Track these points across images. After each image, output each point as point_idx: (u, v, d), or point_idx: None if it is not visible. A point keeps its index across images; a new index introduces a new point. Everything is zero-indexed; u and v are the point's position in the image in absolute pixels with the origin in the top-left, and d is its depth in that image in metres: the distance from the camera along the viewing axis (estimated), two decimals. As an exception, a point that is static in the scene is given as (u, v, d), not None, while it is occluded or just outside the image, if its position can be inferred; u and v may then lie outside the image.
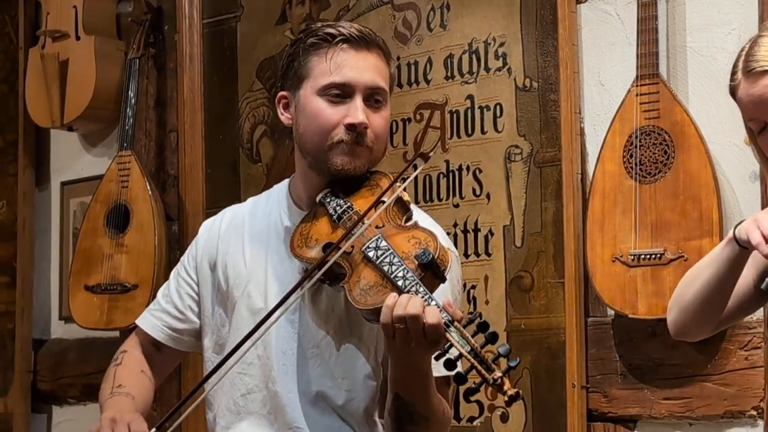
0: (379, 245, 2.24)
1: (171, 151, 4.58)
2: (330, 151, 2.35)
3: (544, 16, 3.69)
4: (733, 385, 3.29)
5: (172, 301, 2.55)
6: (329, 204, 2.37)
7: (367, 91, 2.36)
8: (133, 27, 4.60)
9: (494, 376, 2.02)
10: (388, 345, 2.18)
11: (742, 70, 2.22)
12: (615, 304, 3.38)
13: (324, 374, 2.38)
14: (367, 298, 2.19)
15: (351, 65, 2.34)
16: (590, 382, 3.53)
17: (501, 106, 3.78)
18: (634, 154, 3.36)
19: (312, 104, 2.37)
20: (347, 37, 2.35)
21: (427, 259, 2.17)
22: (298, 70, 2.39)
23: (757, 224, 2.08)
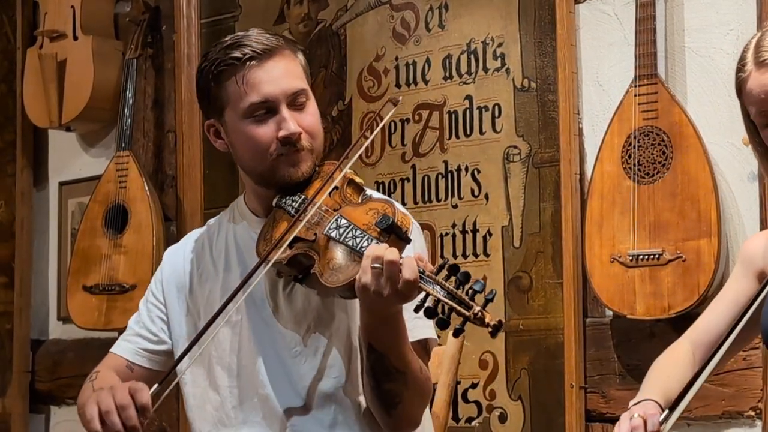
0: (339, 224, 2.28)
1: (169, 151, 4.57)
2: (273, 167, 2.38)
3: (543, 17, 3.69)
4: (731, 386, 3.29)
5: (145, 326, 2.56)
6: (285, 204, 2.40)
7: (288, 98, 2.37)
8: (131, 27, 4.60)
9: (474, 311, 2.07)
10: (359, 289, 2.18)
11: (754, 61, 2.20)
12: (613, 304, 3.38)
13: (312, 368, 2.39)
14: (338, 276, 2.23)
15: (263, 80, 2.35)
16: (588, 383, 3.52)
17: (499, 107, 3.78)
18: (632, 155, 3.36)
19: (241, 129, 2.38)
20: (252, 55, 2.36)
21: (387, 223, 2.21)
22: (217, 99, 2.40)
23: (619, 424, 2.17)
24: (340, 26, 4.15)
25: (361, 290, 2.18)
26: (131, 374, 2.53)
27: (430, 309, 2.10)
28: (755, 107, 2.21)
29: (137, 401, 2.20)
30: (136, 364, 2.55)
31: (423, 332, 2.40)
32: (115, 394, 2.22)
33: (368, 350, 2.29)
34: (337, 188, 2.36)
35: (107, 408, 2.21)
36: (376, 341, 2.27)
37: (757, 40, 2.23)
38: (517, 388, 3.68)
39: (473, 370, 3.75)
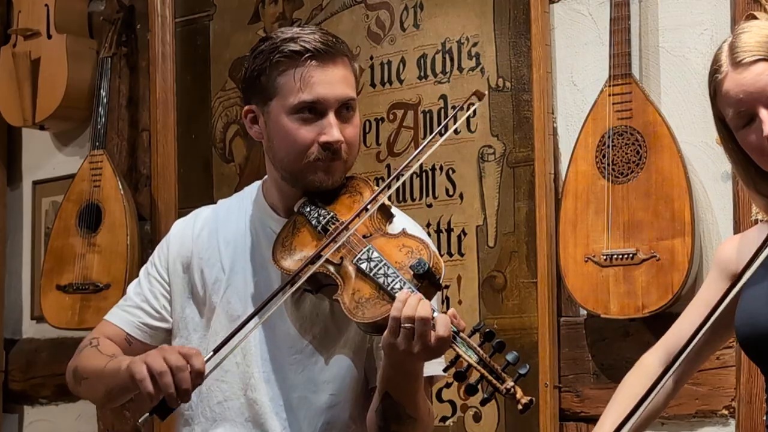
0: (371, 256, 2.22)
1: (143, 150, 4.56)
2: (306, 169, 2.33)
3: (517, 16, 3.69)
4: (704, 385, 3.30)
5: (147, 300, 2.50)
6: (310, 214, 2.35)
7: (339, 104, 2.33)
8: (105, 26, 4.59)
9: (506, 386, 2.03)
10: (387, 346, 2.14)
11: (730, 62, 2.20)
12: (587, 304, 3.38)
13: (307, 380, 2.36)
14: (364, 311, 2.17)
15: (320, 81, 2.31)
16: (563, 382, 3.53)
17: (474, 106, 3.78)
18: (606, 154, 3.36)
19: (283, 123, 2.33)
20: (314, 53, 2.31)
21: (424, 270, 2.15)
22: (266, 87, 2.35)
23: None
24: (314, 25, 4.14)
25: (388, 347, 2.14)
26: (129, 348, 2.47)
27: (460, 373, 2.05)
28: (732, 108, 2.21)
29: (193, 366, 2.13)
30: (135, 339, 2.49)
31: (433, 369, 2.36)
32: (166, 356, 2.14)
33: (383, 396, 2.26)
34: (367, 210, 2.30)
35: (160, 368, 2.12)
36: (394, 391, 2.24)
37: (730, 42, 2.23)
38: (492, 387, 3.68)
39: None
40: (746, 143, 2.22)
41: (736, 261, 2.30)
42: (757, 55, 2.18)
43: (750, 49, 2.18)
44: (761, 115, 2.17)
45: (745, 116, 2.20)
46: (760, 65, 2.18)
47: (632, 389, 2.33)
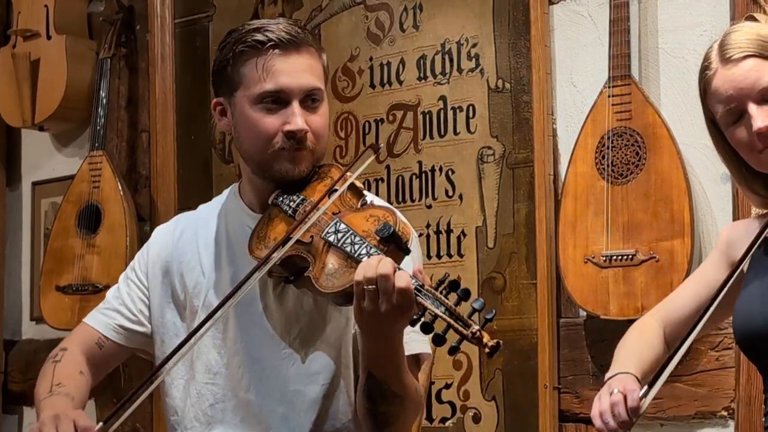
0: (339, 228, 2.25)
1: (143, 151, 4.56)
2: (272, 159, 2.34)
3: (517, 17, 3.70)
4: (704, 386, 3.30)
5: (124, 303, 2.51)
6: (282, 202, 2.36)
7: (303, 94, 2.34)
8: (105, 26, 4.59)
9: (472, 330, 2.03)
10: (358, 314, 2.16)
11: (719, 59, 2.22)
12: (587, 305, 3.39)
13: (299, 373, 2.37)
14: (333, 281, 2.19)
15: (283, 71, 2.31)
16: (562, 383, 3.53)
17: (473, 107, 3.78)
18: (606, 156, 3.36)
19: (248, 113, 2.35)
20: (276, 42, 2.31)
21: (389, 232, 2.17)
22: (231, 78, 2.36)
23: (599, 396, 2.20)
24: (314, 26, 4.15)
25: (358, 314, 2.16)
26: (99, 352, 2.49)
27: (426, 324, 2.06)
28: (722, 105, 2.22)
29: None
30: (110, 340, 2.49)
31: (418, 347, 2.38)
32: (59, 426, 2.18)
33: (367, 376, 2.27)
34: (337, 191, 2.32)
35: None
36: (376, 369, 2.25)
37: (720, 41, 2.25)
38: (491, 388, 3.69)
39: (447, 371, 3.75)
40: (735, 140, 2.23)
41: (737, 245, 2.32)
42: (746, 51, 2.19)
43: (739, 45, 2.20)
44: (750, 110, 2.18)
45: (735, 113, 2.21)
46: (750, 61, 2.19)
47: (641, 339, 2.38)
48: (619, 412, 2.13)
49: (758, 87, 2.19)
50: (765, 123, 2.17)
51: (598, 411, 2.16)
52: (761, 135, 2.18)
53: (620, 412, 2.13)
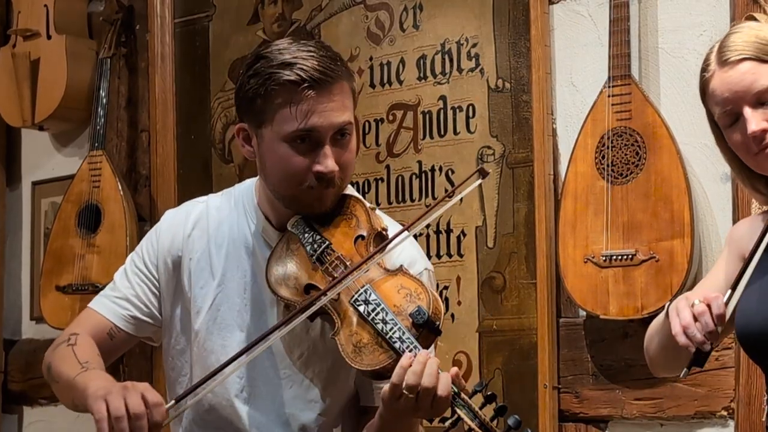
0: (369, 299, 2.19)
1: (143, 151, 4.56)
2: (299, 195, 2.30)
3: (517, 17, 3.69)
4: (703, 386, 3.30)
5: (136, 294, 2.45)
6: (303, 237, 2.31)
7: (334, 131, 2.28)
8: (105, 26, 4.58)
9: None
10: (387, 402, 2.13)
11: (717, 62, 2.22)
12: (587, 304, 3.39)
13: (296, 397, 2.35)
14: (363, 358, 2.15)
15: (317, 111, 2.25)
16: (562, 383, 3.53)
17: (473, 107, 3.78)
18: (605, 155, 3.36)
19: (277, 149, 2.29)
20: (310, 83, 2.24)
21: (423, 320, 2.13)
22: (261, 112, 2.29)
23: (677, 312, 2.11)
24: (314, 26, 4.15)
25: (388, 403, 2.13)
26: (110, 341, 2.43)
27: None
28: (719, 107, 2.23)
29: (152, 416, 2.11)
30: (122, 330, 2.43)
31: None
32: (128, 398, 2.11)
33: None
34: (363, 238, 2.29)
35: (118, 413, 2.09)
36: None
37: (720, 42, 2.25)
38: (491, 388, 3.64)
39: (447, 370, 3.73)
40: (733, 142, 2.24)
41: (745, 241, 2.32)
42: (743, 54, 2.19)
43: (737, 48, 2.20)
44: (745, 114, 2.19)
45: (731, 115, 2.22)
46: (746, 64, 2.20)
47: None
48: (706, 322, 2.06)
49: (753, 90, 2.19)
50: (759, 127, 2.18)
51: (680, 326, 2.08)
52: (756, 138, 2.19)
53: (707, 322, 2.06)
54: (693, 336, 2.07)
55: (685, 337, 2.08)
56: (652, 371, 2.46)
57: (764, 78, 2.19)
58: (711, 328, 2.06)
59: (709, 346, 2.07)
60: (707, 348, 2.06)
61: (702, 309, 2.07)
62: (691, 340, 2.07)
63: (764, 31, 2.23)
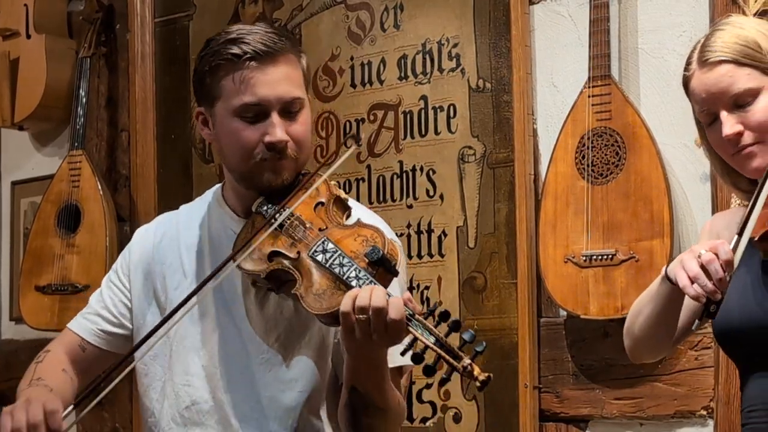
0: (326, 248, 2.24)
1: (122, 150, 4.55)
2: (254, 170, 2.34)
3: (497, 17, 3.70)
4: (683, 385, 3.31)
5: (106, 307, 2.52)
6: (267, 213, 2.35)
7: (281, 104, 2.33)
8: (85, 26, 4.57)
9: (463, 364, 2.03)
10: (346, 338, 2.16)
11: (697, 61, 2.24)
12: (567, 304, 3.39)
13: (275, 379, 2.36)
14: (322, 303, 2.18)
15: (260, 82, 2.31)
16: (542, 383, 3.54)
17: (454, 107, 3.79)
18: (586, 155, 3.37)
19: (229, 125, 2.35)
20: (252, 55, 2.31)
21: (378, 256, 2.17)
22: (210, 90, 2.37)
23: (683, 265, 2.09)
24: (295, 26, 4.14)
25: (346, 339, 2.16)
26: (82, 354, 2.50)
27: (417, 355, 2.06)
28: (698, 106, 2.27)
29: (50, 424, 2.20)
30: (91, 344, 2.50)
31: (400, 359, 2.35)
32: (29, 409, 2.21)
33: (350, 390, 2.27)
34: (323, 204, 2.33)
35: (17, 425, 2.20)
36: (359, 383, 2.25)
37: (704, 40, 2.26)
38: (472, 388, 3.68)
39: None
40: (711, 140, 2.28)
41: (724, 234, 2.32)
42: (722, 56, 2.21)
43: (718, 49, 2.22)
44: (721, 117, 2.22)
45: (710, 115, 2.25)
46: (724, 67, 2.21)
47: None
48: (715, 269, 2.04)
49: (730, 93, 2.21)
50: (732, 131, 2.21)
51: (687, 278, 2.06)
52: (730, 141, 2.22)
53: (717, 269, 2.03)
54: (704, 285, 2.04)
55: (694, 290, 2.06)
56: (633, 357, 2.44)
57: (741, 81, 2.21)
58: (721, 275, 2.03)
59: (720, 294, 2.04)
60: (719, 297, 2.04)
61: (710, 257, 2.04)
62: (702, 289, 2.04)
63: (747, 30, 2.24)
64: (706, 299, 2.05)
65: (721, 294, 2.05)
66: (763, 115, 2.21)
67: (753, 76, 2.21)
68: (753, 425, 2.21)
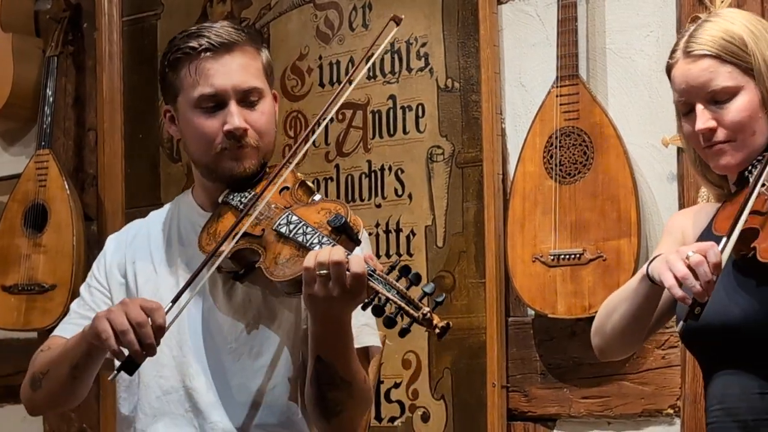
0: (290, 220, 2.28)
1: (90, 150, 4.53)
2: (217, 159, 2.39)
3: (466, 17, 3.70)
4: (650, 384, 3.32)
5: (90, 308, 2.52)
6: (232, 200, 2.40)
7: (239, 93, 2.39)
8: (52, 24, 4.54)
9: (422, 312, 2.07)
10: (309, 299, 2.18)
11: (683, 50, 2.26)
12: (535, 304, 3.40)
13: (244, 367, 2.38)
14: (285, 270, 2.22)
15: (216, 73, 2.37)
16: (510, 382, 3.54)
17: (423, 107, 3.79)
18: (554, 155, 3.38)
19: (190, 118, 2.41)
20: (207, 46, 2.38)
21: (340, 222, 2.21)
22: (172, 85, 2.43)
23: (669, 266, 2.08)
24: (263, 25, 4.13)
25: (309, 299, 2.18)
26: None
27: (378, 307, 2.10)
28: (677, 94, 2.29)
29: (154, 320, 2.18)
30: None
31: (367, 339, 2.41)
32: (128, 311, 2.19)
33: (315, 360, 2.28)
34: (288, 188, 2.37)
35: (122, 326, 2.17)
36: (324, 351, 2.27)
37: (693, 30, 2.27)
38: (440, 387, 3.69)
39: (396, 370, 3.75)
40: (684, 132, 2.31)
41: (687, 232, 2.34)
42: (706, 50, 2.22)
43: (703, 42, 2.23)
44: (696, 110, 2.24)
45: (686, 105, 2.27)
46: (706, 61, 2.23)
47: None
48: (704, 272, 2.02)
49: (708, 89, 2.23)
50: (705, 125, 2.22)
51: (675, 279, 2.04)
52: (703, 135, 2.23)
53: (706, 272, 2.02)
54: (693, 286, 2.02)
55: (681, 291, 2.04)
56: (601, 355, 2.43)
57: (721, 78, 2.22)
58: (709, 277, 2.02)
59: (707, 296, 2.03)
60: (705, 299, 2.03)
61: (699, 259, 2.03)
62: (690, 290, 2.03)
63: (737, 26, 2.25)
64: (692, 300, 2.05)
65: (707, 297, 2.04)
66: (738, 115, 2.22)
67: (734, 74, 2.23)
68: (718, 424, 2.22)
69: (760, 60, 2.23)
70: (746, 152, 2.24)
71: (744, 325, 2.16)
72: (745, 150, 2.24)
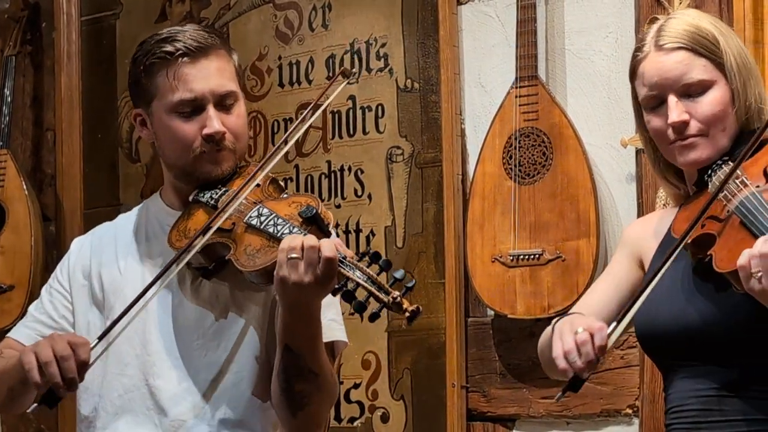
0: (261, 213, 2.29)
1: (48, 150, 4.51)
2: (194, 163, 2.40)
3: (426, 18, 3.71)
4: (609, 384, 3.33)
5: (46, 312, 2.52)
6: (202, 197, 2.40)
7: (217, 97, 2.39)
8: (10, 23, 4.52)
9: (392, 297, 2.08)
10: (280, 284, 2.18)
11: (653, 44, 2.23)
12: (494, 304, 3.41)
13: (211, 363, 2.38)
14: (255, 260, 2.22)
15: (194, 77, 2.37)
16: (470, 382, 3.55)
17: (382, 107, 3.79)
18: (513, 156, 3.39)
19: (166, 122, 2.40)
20: (185, 51, 2.37)
21: (311, 213, 2.21)
22: (146, 90, 2.42)
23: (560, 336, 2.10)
24: (222, 25, 4.12)
25: (280, 285, 2.18)
26: None
27: (348, 292, 2.11)
28: (646, 89, 2.24)
29: (77, 356, 2.19)
30: None
31: (334, 334, 2.41)
32: (54, 345, 2.20)
33: (284, 350, 2.28)
34: (259, 185, 2.38)
35: (46, 358, 2.18)
36: (293, 341, 2.26)
37: (660, 25, 2.26)
38: (400, 387, 3.69)
39: (356, 370, 3.74)
40: (651, 127, 2.26)
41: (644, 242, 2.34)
42: (679, 42, 2.21)
43: (675, 35, 2.22)
44: (669, 102, 2.21)
45: (656, 99, 2.23)
46: (680, 54, 2.21)
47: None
48: (587, 351, 2.04)
49: (682, 81, 2.21)
50: (680, 118, 2.20)
51: (562, 351, 2.07)
52: (675, 128, 2.21)
53: (588, 351, 2.04)
54: (573, 362, 2.05)
55: (565, 362, 2.07)
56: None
57: (695, 71, 2.21)
58: (591, 358, 2.05)
59: (587, 374, 2.05)
60: (585, 376, 2.05)
61: (585, 338, 2.05)
62: (570, 366, 2.06)
63: (704, 23, 2.25)
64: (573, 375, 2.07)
65: (588, 373, 2.06)
66: (711, 108, 2.22)
67: (708, 68, 2.22)
68: (677, 426, 2.23)
69: (731, 58, 2.23)
70: (714, 149, 2.23)
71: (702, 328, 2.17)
72: (714, 147, 2.23)
